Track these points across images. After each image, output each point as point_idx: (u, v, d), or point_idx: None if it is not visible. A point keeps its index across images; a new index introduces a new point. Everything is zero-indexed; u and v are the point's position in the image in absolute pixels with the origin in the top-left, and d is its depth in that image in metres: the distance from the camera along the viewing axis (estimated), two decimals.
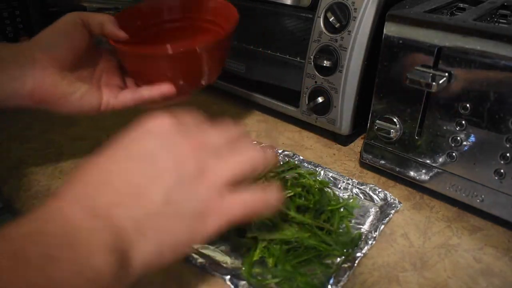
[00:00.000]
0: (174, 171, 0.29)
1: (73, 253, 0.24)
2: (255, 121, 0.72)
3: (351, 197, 0.52)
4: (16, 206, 0.52)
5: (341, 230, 0.46)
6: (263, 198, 0.32)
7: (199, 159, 0.30)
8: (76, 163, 0.60)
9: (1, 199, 0.56)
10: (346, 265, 0.41)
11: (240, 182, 0.31)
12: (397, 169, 0.54)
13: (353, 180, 0.54)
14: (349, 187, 0.53)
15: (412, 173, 0.53)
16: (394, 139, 0.53)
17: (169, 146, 0.30)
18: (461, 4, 0.56)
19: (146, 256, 0.27)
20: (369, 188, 0.52)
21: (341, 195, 0.52)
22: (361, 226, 0.48)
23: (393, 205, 0.50)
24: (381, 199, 0.51)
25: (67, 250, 0.24)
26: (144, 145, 0.30)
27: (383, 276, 0.42)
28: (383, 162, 0.55)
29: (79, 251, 0.24)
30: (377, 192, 0.52)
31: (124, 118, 0.71)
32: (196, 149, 0.30)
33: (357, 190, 0.53)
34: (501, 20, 0.54)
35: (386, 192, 0.52)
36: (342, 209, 0.48)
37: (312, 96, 0.62)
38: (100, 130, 0.69)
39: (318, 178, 0.54)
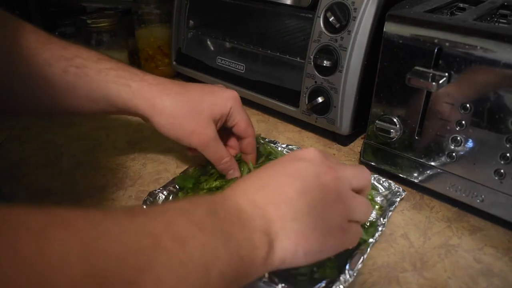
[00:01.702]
0: (319, 191, 0.35)
1: (242, 223, 0.31)
2: (255, 121, 0.72)
3: None
4: None
5: None
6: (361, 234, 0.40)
7: (340, 188, 0.36)
8: (76, 163, 0.60)
9: (1, 199, 0.56)
10: (359, 251, 0.42)
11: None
12: (397, 169, 0.54)
13: None
14: None
15: (412, 173, 0.53)
16: (394, 139, 0.53)
17: (317, 171, 0.36)
18: (461, 4, 0.56)
19: (284, 251, 0.32)
20: (374, 178, 0.54)
21: None
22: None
23: (398, 193, 0.51)
24: (385, 188, 0.53)
25: (238, 220, 0.31)
26: (297, 166, 0.36)
27: (383, 276, 0.42)
28: (383, 162, 0.55)
29: (246, 224, 0.31)
30: (381, 182, 0.53)
31: (123, 119, 0.71)
32: (337, 178, 0.36)
33: None
34: (501, 20, 0.54)
35: (390, 181, 0.53)
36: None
37: (312, 96, 0.62)
38: (100, 130, 0.69)
39: None
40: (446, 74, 0.45)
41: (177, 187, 0.52)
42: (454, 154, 0.48)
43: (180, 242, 0.26)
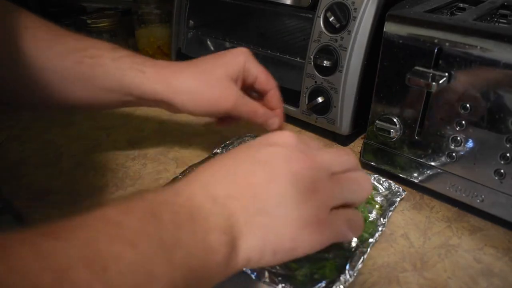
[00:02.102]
0: (290, 179, 0.31)
1: (195, 225, 0.27)
2: None
3: None
4: (16, 206, 0.52)
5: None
6: (361, 219, 0.35)
7: (315, 175, 0.32)
8: (76, 163, 0.60)
9: (1, 199, 0.56)
10: (359, 251, 0.42)
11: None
12: (397, 169, 0.54)
13: None
14: None
15: (412, 173, 0.53)
16: (394, 139, 0.53)
17: (290, 157, 0.32)
18: (461, 4, 0.56)
19: (249, 250, 0.30)
20: (374, 178, 0.54)
21: None
22: (369, 214, 0.49)
23: (398, 193, 0.51)
24: (385, 188, 0.53)
25: (190, 222, 0.27)
26: (267, 152, 0.33)
27: (383, 276, 0.42)
28: (383, 162, 0.55)
29: (200, 224, 0.28)
30: (381, 182, 0.53)
31: (123, 119, 0.71)
32: (313, 167, 0.32)
33: None
34: (501, 20, 0.54)
35: (390, 181, 0.53)
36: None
37: (312, 96, 0.62)
38: (100, 130, 0.69)
39: None
40: (446, 74, 0.45)
41: None
42: (454, 154, 0.48)
43: (97, 269, 0.21)
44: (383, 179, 0.53)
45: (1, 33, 0.44)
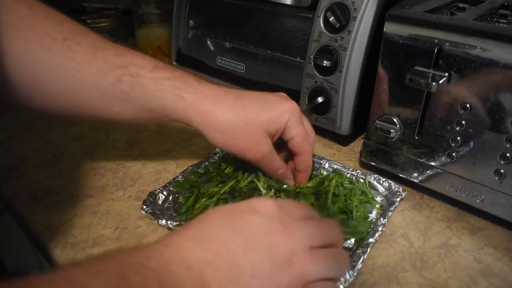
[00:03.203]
0: (267, 250, 0.31)
1: None
2: None
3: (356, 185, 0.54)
4: (16, 206, 0.52)
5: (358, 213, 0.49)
6: None
7: (292, 249, 0.32)
8: (76, 163, 0.60)
9: (1, 199, 0.56)
10: (359, 251, 0.42)
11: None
12: (397, 169, 0.54)
13: (357, 171, 0.55)
14: (353, 178, 0.54)
15: (412, 173, 0.53)
16: (394, 139, 0.53)
17: (270, 228, 0.32)
18: (461, 4, 0.56)
19: None
20: (373, 178, 0.53)
21: (346, 182, 0.54)
22: (369, 214, 0.49)
23: (398, 193, 0.51)
24: (385, 189, 0.53)
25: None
26: (248, 220, 0.33)
27: (383, 276, 0.42)
28: (382, 162, 0.55)
29: None
30: (381, 182, 0.53)
31: None
32: (291, 238, 0.32)
33: (362, 180, 0.54)
34: (501, 20, 0.54)
35: (390, 181, 0.53)
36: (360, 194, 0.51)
37: (312, 96, 0.62)
38: (100, 130, 0.69)
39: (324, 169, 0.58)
40: (446, 74, 0.45)
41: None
42: (454, 154, 0.48)
43: None
44: (383, 179, 0.53)
45: (35, 43, 0.42)
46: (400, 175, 0.54)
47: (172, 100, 0.45)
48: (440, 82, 0.45)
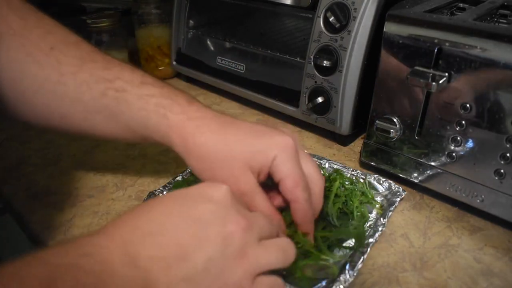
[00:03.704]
0: (221, 243, 0.30)
1: None
2: (255, 121, 0.72)
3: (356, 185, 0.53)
4: (16, 206, 0.52)
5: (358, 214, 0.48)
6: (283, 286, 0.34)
7: (245, 240, 0.31)
8: (76, 163, 0.60)
9: (1, 199, 0.56)
10: (359, 251, 0.42)
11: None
12: (397, 169, 0.54)
13: (358, 171, 0.55)
14: (353, 178, 0.54)
15: (412, 173, 0.53)
16: (394, 139, 0.53)
17: (225, 218, 0.31)
18: (461, 4, 0.56)
19: None
20: (373, 178, 0.54)
21: (346, 183, 0.53)
22: (369, 215, 0.49)
23: (398, 193, 0.51)
24: (385, 189, 0.53)
25: None
26: (201, 208, 0.31)
27: (383, 276, 0.42)
28: (382, 162, 0.55)
29: None
30: (381, 182, 0.53)
31: None
32: (245, 229, 0.31)
33: (362, 180, 0.54)
34: (501, 20, 0.54)
35: (390, 181, 0.53)
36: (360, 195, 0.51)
37: (312, 96, 0.62)
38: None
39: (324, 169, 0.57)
40: (446, 74, 0.45)
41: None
42: (454, 154, 0.48)
43: None
44: (383, 179, 0.53)
45: (21, 52, 0.40)
46: (400, 175, 0.54)
47: (155, 120, 0.41)
48: (440, 82, 0.45)
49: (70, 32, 0.44)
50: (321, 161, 0.57)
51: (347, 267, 0.39)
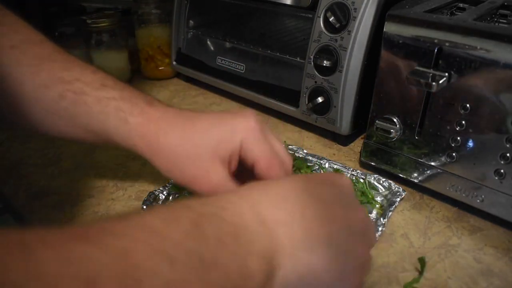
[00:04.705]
0: (345, 223, 0.30)
1: (237, 246, 0.25)
2: None
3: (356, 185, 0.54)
4: (16, 206, 0.52)
5: None
6: None
7: (365, 228, 0.32)
8: (76, 163, 0.60)
9: (1, 199, 0.56)
10: None
11: None
12: (397, 169, 0.54)
13: (358, 171, 0.55)
14: (353, 178, 0.54)
15: (412, 173, 0.53)
16: (394, 139, 0.53)
17: (346, 202, 0.32)
18: (461, 4, 0.56)
19: (285, 285, 0.27)
20: (373, 178, 0.54)
21: None
22: (369, 214, 0.49)
23: (398, 193, 0.51)
24: (385, 189, 0.53)
25: (233, 241, 0.25)
26: (324, 190, 0.32)
27: (383, 276, 0.42)
28: (382, 162, 0.55)
29: (242, 246, 0.26)
30: (381, 182, 0.53)
31: None
32: (364, 221, 0.32)
33: (361, 180, 0.54)
34: (501, 20, 0.54)
35: (390, 181, 0.53)
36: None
37: (312, 96, 0.62)
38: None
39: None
40: (446, 74, 0.45)
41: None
42: (454, 154, 0.48)
43: (129, 284, 0.19)
44: (383, 179, 0.53)
45: None
46: (400, 175, 0.54)
47: (115, 124, 0.40)
48: (440, 82, 0.45)
49: (35, 31, 0.42)
50: (321, 161, 0.57)
51: None
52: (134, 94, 0.42)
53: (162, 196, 0.51)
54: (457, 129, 0.47)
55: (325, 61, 0.59)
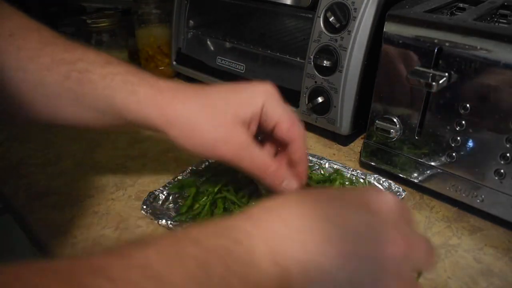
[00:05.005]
0: (372, 263, 0.26)
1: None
2: None
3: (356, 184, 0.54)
4: (16, 206, 0.52)
5: None
6: None
7: (401, 268, 0.27)
8: (76, 163, 0.60)
9: (1, 199, 0.56)
10: None
11: None
12: (397, 169, 0.54)
13: (358, 171, 0.55)
14: (353, 178, 0.54)
15: (412, 173, 0.53)
16: (394, 139, 0.53)
17: (383, 235, 0.27)
18: (461, 4, 0.56)
19: None
20: (374, 178, 0.54)
21: (346, 183, 0.54)
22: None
23: (398, 193, 0.51)
24: (385, 189, 0.53)
25: (240, 283, 0.24)
26: (355, 216, 0.28)
27: None
28: (383, 162, 0.55)
29: (249, 287, 0.24)
30: (381, 182, 0.53)
31: None
32: (404, 254, 0.27)
33: (361, 180, 0.54)
34: (501, 20, 0.54)
35: (390, 181, 0.53)
36: None
37: (312, 96, 0.62)
38: (100, 130, 0.69)
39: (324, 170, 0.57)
40: (446, 74, 0.45)
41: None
42: (454, 154, 0.48)
43: None
44: (383, 179, 0.53)
45: None
46: (400, 175, 0.54)
47: (124, 97, 0.39)
48: (440, 82, 0.45)
49: (31, 19, 0.42)
50: (321, 161, 0.57)
51: None
52: (139, 70, 0.41)
53: (162, 196, 0.50)
54: (457, 129, 0.47)
55: (325, 61, 0.59)
